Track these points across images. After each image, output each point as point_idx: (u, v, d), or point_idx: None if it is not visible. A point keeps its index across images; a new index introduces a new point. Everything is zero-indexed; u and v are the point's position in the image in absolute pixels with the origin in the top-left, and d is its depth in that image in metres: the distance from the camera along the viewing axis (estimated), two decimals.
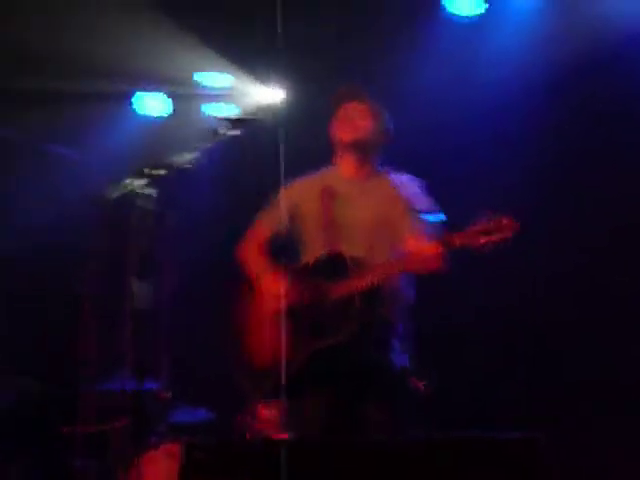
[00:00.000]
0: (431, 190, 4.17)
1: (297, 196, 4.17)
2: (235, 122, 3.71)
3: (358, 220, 3.97)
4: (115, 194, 3.48)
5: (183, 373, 5.42)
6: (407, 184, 4.00)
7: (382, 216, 3.98)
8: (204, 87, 7.05)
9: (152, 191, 3.50)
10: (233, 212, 4.10)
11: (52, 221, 6.56)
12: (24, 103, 6.44)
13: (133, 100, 7.16)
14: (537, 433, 2.70)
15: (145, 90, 7.12)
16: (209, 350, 3.80)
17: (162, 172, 3.58)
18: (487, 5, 6.19)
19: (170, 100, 7.17)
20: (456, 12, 6.23)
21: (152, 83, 7.00)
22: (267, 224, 4.26)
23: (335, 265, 3.84)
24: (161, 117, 7.18)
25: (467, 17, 6.25)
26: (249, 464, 2.85)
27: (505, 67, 6.14)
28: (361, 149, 4.08)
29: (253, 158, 4.10)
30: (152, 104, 7.20)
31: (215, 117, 3.83)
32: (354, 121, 4.10)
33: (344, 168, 4.17)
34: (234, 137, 3.70)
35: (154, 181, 3.56)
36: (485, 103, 6.16)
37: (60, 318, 6.78)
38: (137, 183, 3.45)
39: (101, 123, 6.89)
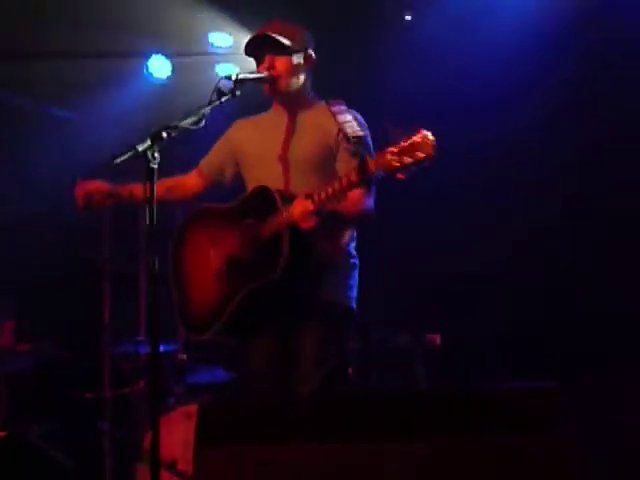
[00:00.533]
0: None
1: (236, 132, 4.15)
2: (239, 81, 3.70)
3: (291, 154, 3.91)
4: (127, 157, 3.46)
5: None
6: (341, 112, 3.84)
7: (315, 148, 3.91)
8: (211, 48, 7.03)
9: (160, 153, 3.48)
10: None
11: (66, 186, 6.55)
12: (31, 65, 6.42)
13: (142, 62, 7.12)
14: (553, 382, 2.71)
15: (152, 52, 7.09)
16: None
17: (172, 133, 3.57)
18: None
19: (177, 61, 7.13)
20: None
21: (159, 44, 6.96)
22: (202, 165, 4.28)
23: (263, 201, 3.76)
24: (168, 78, 7.15)
25: None
26: (267, 423, 2.84)
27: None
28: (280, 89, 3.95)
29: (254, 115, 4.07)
30: (159, 65, 7.17)
31: (220, 77, 3.77)
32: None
33: (274, 107, 4.08)
34: (238, 96, 3.69)
35: (163, 143, 3.55)
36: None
37: (78, 282, 6.81)
38: (149, 146, 3.43)
39: (109, 85, 6.85)
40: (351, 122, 3.67)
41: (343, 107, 3.76)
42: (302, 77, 3.98)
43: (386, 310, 4.10)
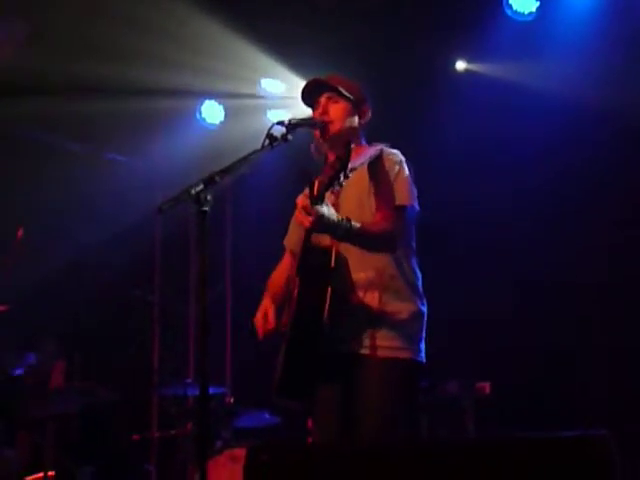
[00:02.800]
0: None
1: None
2: (291, 126, 3.71)
3: (344, 211, 3.81)
4: (181, 201, 3.50)
5: (247, 378, 5.45)
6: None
7: (359, 205, 3.86)
8: (265, 94, 7.12)
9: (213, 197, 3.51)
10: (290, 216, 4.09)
11: (121, 229, 6.64)
12: (87, 113, 6.53)
13: (197, 109, 7.23)
14: (605, 430, 2.67)
15: (207, 98, 7.19)
16: (273, 353, 3.80)
17: (226, 178, 3.60)
18: None
19: (228, 106, 7.23)
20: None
21: (212, 89, 7.06)
22: (288, 246, 4.16)
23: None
24: (222, 124, 7.24)
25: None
26: (314, 468, 2.84)
27: None
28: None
29: (307, 162, 4.07)
30: (212, 111, 7.28)
31: (273, 123, 3.78)
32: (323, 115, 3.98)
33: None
34: (290, 141, 3.70)
35: (217, 187, 3.58)
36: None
37: (128, 323, 6.87)
38: (202, 189, 3.46)
39: (165, 131, 6.95)
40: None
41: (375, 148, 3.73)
42: (354, 127, 3.91)
43: (435, 357, 4.06)
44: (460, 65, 6.91)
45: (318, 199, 3.43)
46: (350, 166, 3.44)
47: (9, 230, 5.60)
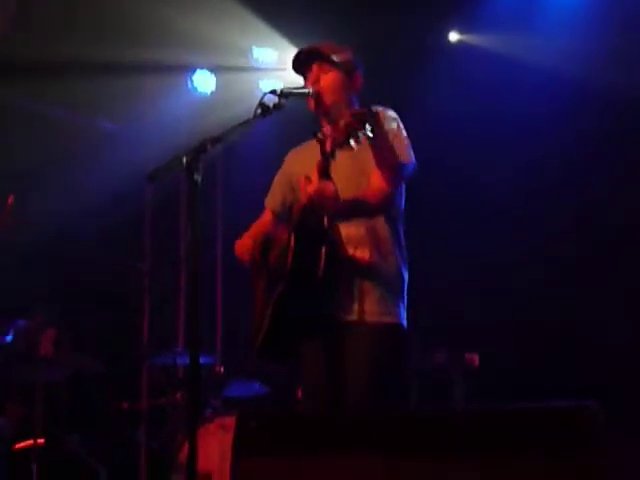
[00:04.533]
0: None
1: (291, 167, 4.09)
2: (283, 95, 3.70)
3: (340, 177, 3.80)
4: (172, 169, 3.50)
5: (237, 347, 5.47)
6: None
7: (356, 166, 3.85)
8: (256, 63, 7.09)
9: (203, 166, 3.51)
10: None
11: (110, 197, 6.63)
12: (72, 76, 6.50)
13: (187, 76, 7.20)
14: (593, 401, 2.69)
15: (198, 66, 7.16)
16: None
17: (216, 146, 3.59)
18: None
19: (220, 76, 7.20)
20: None
21: (204, 58, 7.03)
22: (269, 205, 4.16)
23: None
24: (213, 92, 7.22)
25: None
26: (303, 436, 2.85)
27: None
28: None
29: (299, 130, 4.06)
30: (204, 80, 7.25)
31: (265, 92, 3.77)
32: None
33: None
34: (282, 110, 3.69)
35: (208, 155, 3.58)
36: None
37: (118, 293, 6.88)
38: (193, 157, 3.45)
39: (154, 98, 6.93)
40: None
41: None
42: (347, 96, 3.91)
43: (425, 327, 4.08)
44: (453, 36, 6.90)
45: (330, 155, 3.48)
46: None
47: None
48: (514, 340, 6.17)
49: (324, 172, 3.52)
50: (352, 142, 3.37)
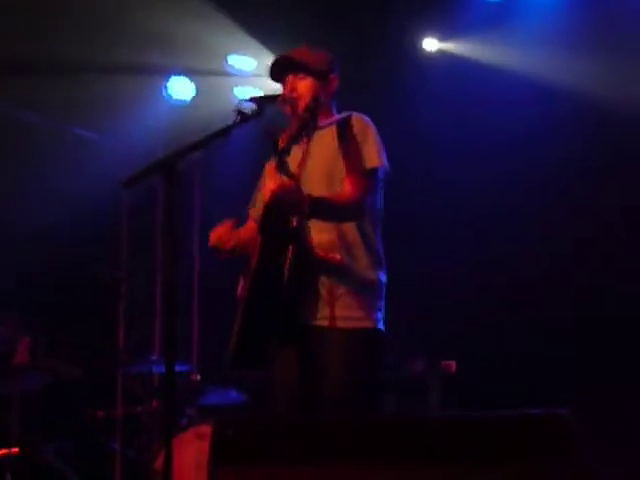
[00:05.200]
0: None
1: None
2: (258, 102, 3.71)
3: (305, 175, 3.79)
4: (148, 176, 3.48)
5: (214, 354, 5.45)
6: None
7: (328, 170, 3.85)
8: (233, 70, 7.09)
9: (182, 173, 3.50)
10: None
11: (85, 205, 6.61)
12: (49, 83, 6.47)
13: (164, 83, 7.19)
14: (566, 409, 2.70)
15: (174, 73, 7.15)
16: None
17: (193, 153, 3.59)
18: None
19: (199, 83, 7.20)
20: None
21: (181, 66, 7.02)
22: (252, 214, 4.14)
23: None
24: (190, 100, 7.21)
25: None
26: (280, 442, 2.85)
27: None
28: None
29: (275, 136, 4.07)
30: (180, 87, 7.24)
31: (239, 100, 3.79)
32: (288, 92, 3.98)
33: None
34: (261, 117, 3.69)
35: (185, 162, 3.57)
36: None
37: (94, 300, 6.85)
38: (170, 164, 3.44)
39: (131, 105, 6.91)
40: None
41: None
42: (323, 102, 3.86)
43: (402, 335, 4.09)
44: (430, 44, 6.90)
45: (284, 152, 3.45)
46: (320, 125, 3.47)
47: None
48: (490, 347, 6.17)
49: (281, 168, 3.49)
50: (303, 135, 3.38)
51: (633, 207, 6.11)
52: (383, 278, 3.82)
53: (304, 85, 3.92)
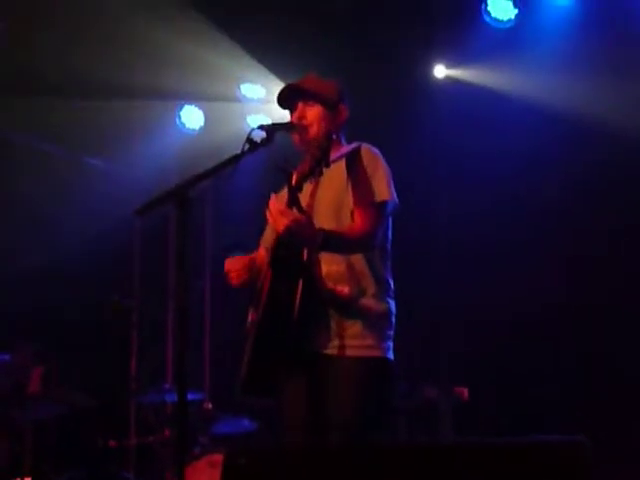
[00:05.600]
0: None
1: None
2: (270, 130, 3.72)
3: (316, 204, 3.80)
4: (160, 204, 3.50)
5: (226, 383, 5.44)
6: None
7: (336, 202, 3.85)
8: (244, 99, 7.13)
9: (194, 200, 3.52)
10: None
11: (98, 233, 6.63)
12: (67, 115, 6.51)
13: (177, 112, 7.24)
14: (582, 436, 2.68)
15: (187, 102, 7.19)
16: None
17: (205, 181, 3.60)
18: None
19: (211, 111, 7.24)
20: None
21: (193, 96, 7.06)
22: (263, 244, 4.15)
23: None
24: (202, 128, 7.25)
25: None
26: (290, 471, 2.84)
27: None
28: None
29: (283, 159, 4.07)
30: (192, 116, 7.29)
31: (252, 128, 3.79)
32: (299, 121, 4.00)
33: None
34: (270, 145, 3.71)
35: (197, 190, 3.59)
36: None
37: (106, 329, 6.85)
38: (182, 192, 3.45)
39: (144, 134, 6.95)
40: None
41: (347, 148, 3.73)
42: (332, 130, 3.85)
43: (414, 361, 4.08)
44: (439, 71, 6.93)
45: (297, 189, 3.45)
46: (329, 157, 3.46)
47: None
48: (502, 374, 6.15)
49: (293, 203, 3.48)
50: (319, 172, 3.37)
51: (634, 227, 6.10)
52: (392, 307, 3.81)
53: (313, 113, 3.92)
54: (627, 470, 5.24)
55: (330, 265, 3.68)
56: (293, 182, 3.46)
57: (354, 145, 3.65)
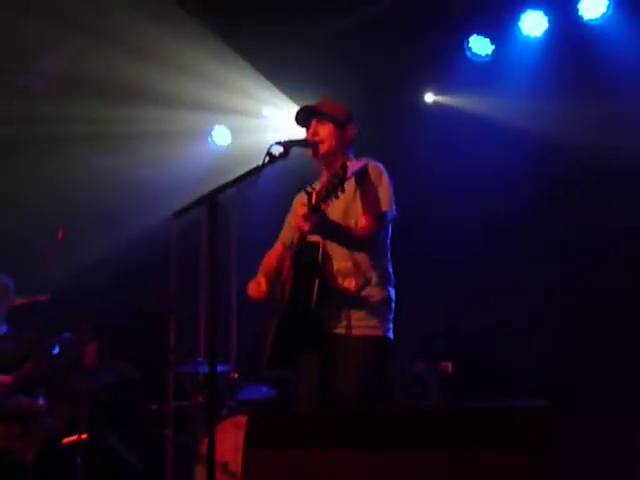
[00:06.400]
0: None
1: (297, 208, 4.04)
2: (287, 145, 3.72)
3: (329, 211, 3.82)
4: (194, 208, 3.52)
5: (249, 357, 5.44)
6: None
7: (345, 210, 3.88)
8: (265, 119, 7.12)
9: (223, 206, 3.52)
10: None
11: (145, 232, 6.66)
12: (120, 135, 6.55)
13: (208, 132, 7.24)
14: (545, 402, 2.66)
15: (217, 124, 7.21)
16: None
17: (231, 189, 3.61)
18: None
19: (238, 130, 7.24)
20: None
21: (223, 116, 7.08)
22: (281, 239, 4.18)
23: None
24: (229, 145, 7.26)
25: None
26: (303, 431, 2.84)
27: None
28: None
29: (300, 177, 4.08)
30: (221, 135, 7.29)
31: (271, 143, 3.80)
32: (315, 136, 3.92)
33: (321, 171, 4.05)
34: (284, 158, 3.71)
35: (224, 197, 3.59)
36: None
37: (149, 310, 6.88)
38: (213, 198, 3.46)
39: (182, 150, 6.96)
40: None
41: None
42: (341, 145, 3.91)
43: (408, 341, 4.07)
44: (429, 97, 6.91)
45: (316, 208, 3.47)
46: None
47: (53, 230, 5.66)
48: (484, 349, 6.10)
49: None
50: (337, 194, 3.37)
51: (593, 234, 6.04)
52: (392, 294, 3.86)
53: (325, 130, 3.92)
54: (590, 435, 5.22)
55: (340, 262, 3.73)
56: (313, 201, 3.49)
57: (362, 162, 3.63)
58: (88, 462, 5.23)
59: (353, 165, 3.69)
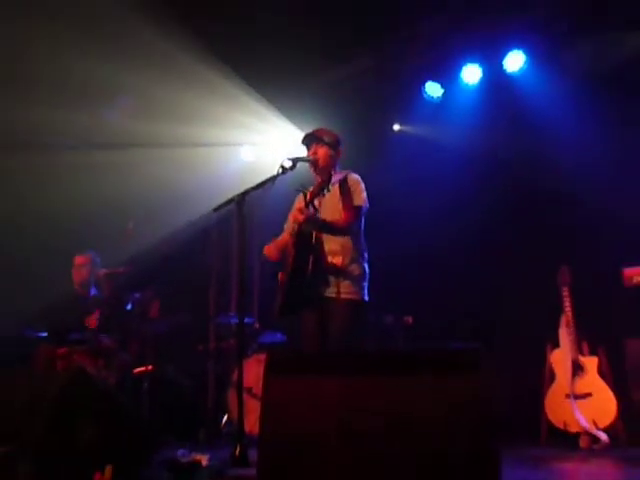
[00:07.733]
0: None
1: (296, 206, 4.04)
2: (294, 160, 3.77)
3: (325, 210, 3.83)
4: (228, 205, 3.59)
5: (267, 312, 5.44)
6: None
7: (333, 209, 3.87)
8: (279, 141, 7.05)
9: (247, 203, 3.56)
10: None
11: (196, 222, 6.59)
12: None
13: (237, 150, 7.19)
14: (478, 343, 2.62)
15: (244, 143, 7.15)
16: None
17: (254, 192, 3.66)
18: None
19: (259, 150, 7.18)
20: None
21: (248, 139, 7.02)
22: (286, 229, 4.19)
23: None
24: (254, 160, 7.20)
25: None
26: (308, 364, 2.84)
27: None
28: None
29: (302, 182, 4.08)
30: (248, 153, 7.24)
31: (284, 158, 3.83)
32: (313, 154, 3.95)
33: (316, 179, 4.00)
34: (292, 169, 3.75)
35: (249, 197, 3.64)
36: None
37: (195, 276, 6.85)
38: (241, 198, 3.52)
39: (217, 164, 6.91)
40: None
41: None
42: (333, 162, 3.97)
43: (379, 298, 4.08)
44: (396, 127, 6.89)
45: (310, 203, 3.61)
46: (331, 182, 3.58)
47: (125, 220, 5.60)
48: (439, 305, 5.97)
49: (308, 206, 3.72)
50: (324, 193, 3.59)
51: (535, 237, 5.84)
52: (367, 269, 3.93)
53: (322, 151, 3.96)
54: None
55: (330, 244, 3.79)
56: (308, 198, 3.60)
57: (344, 173, 3.76)
58: (152, 386, 5.24)
59: (337, 175, 3.76)
